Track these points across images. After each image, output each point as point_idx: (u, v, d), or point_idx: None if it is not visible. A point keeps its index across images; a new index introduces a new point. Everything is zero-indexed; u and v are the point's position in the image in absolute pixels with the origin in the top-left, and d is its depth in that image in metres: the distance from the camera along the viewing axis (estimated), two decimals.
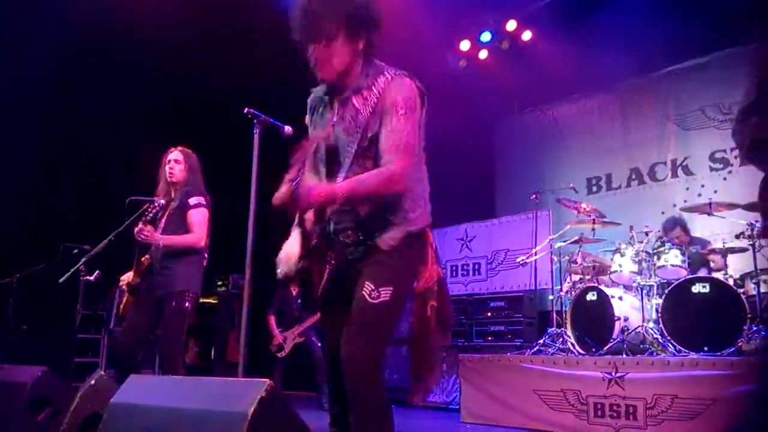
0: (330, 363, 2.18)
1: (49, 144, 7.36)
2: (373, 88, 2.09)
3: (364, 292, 2.01)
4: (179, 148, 4.04)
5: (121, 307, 3.93)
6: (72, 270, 4.25)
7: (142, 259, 3.81)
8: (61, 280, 4.07)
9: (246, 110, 2.83)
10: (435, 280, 2.18)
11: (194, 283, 3.83)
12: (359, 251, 2.10)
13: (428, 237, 2.20)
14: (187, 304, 3.73)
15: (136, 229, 3.68)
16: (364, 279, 2.03)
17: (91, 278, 4.78)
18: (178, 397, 2.05)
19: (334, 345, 2.07)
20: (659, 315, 4.65)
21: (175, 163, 3.95)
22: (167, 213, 3.89)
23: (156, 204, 3.83)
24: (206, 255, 3.98)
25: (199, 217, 3.86)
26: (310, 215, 2.22)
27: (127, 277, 3.89)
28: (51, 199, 7.49)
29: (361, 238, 2.09)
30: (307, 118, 2.33)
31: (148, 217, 3.73)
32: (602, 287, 5.06)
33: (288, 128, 2.96)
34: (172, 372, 3.61)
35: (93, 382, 2.72)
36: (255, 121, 2.84)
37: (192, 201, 3.87)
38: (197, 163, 4.05)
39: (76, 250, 5.19)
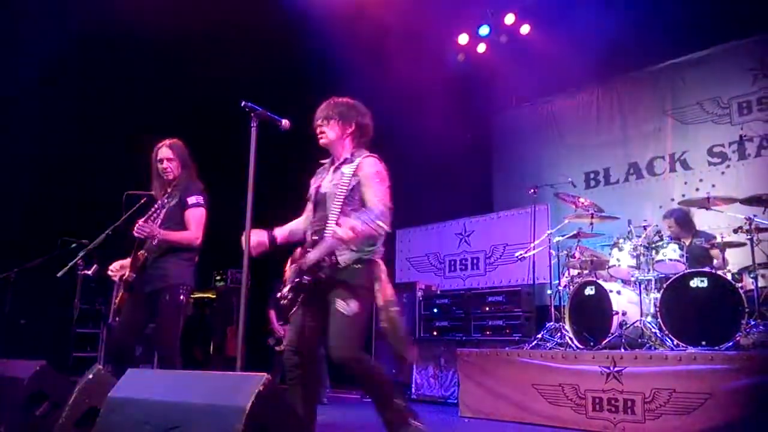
0: (291, 353, 2.93)
1: (47, 139, 7.34)
2: (355, 161, 3.00)
3: (338, 306, 2.80)
4: (167, 142, 3.97)
5: (117, 300, 3.91)
6: (70, 264, 4.23)
7: (138, 254, 3.79)
8: (59, 275, 4.05)
9: (243, 103, 2.82)
10: (392, 294, 2.96)
11: (187, 277, 3.81)
12: (329, 270, 2.86)
13: (380, 264, 2.98)
14: (181, 297, 3.72)
15: (136, 226, 3.66)
16: (335, 296, 2.82)
17: (89, 272, 4.76)
18: (176, 392, 2.05)
19: (296, 337, 2.95)
20: (657, 309, 4.64)
21: (168, 161, 3.91)
22: (166, 210, 3.87)
23: (157, 204, 3.82)
24: (198, 252, 3.97)
25: (196, 216, 3.85)
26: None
27: (116, 267, 3.88)
28: (49, 193, 7.47)
29: (331, 259, 2.86)
30: (312, 179, 3.19)
31: (150, 216, 3.73)
32: (600, 282, 5.05)
33: (285, 121, 2.94)
34: (169, 365, 3.60)
35: (91, 376, 2.71)
36: (252, 114, 2.83)
37: (191, 200, 3.85)
38: (188, 154, 4.00)
39: (74, 244, 5.16)
